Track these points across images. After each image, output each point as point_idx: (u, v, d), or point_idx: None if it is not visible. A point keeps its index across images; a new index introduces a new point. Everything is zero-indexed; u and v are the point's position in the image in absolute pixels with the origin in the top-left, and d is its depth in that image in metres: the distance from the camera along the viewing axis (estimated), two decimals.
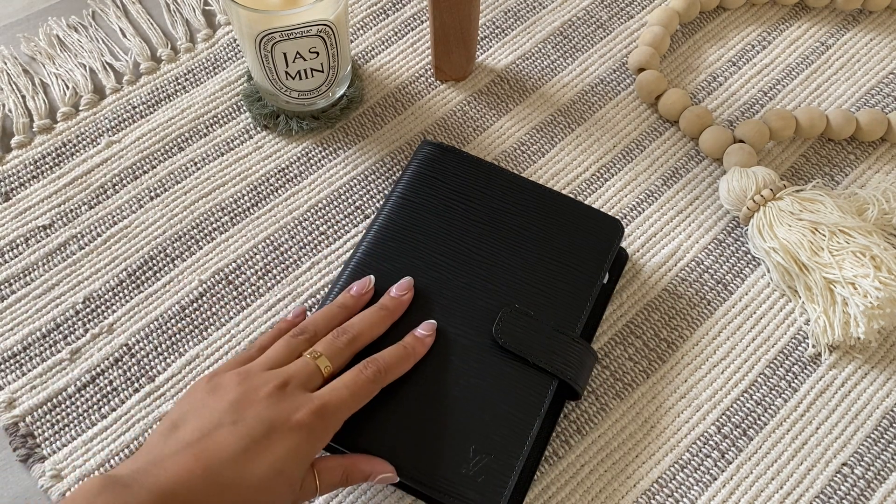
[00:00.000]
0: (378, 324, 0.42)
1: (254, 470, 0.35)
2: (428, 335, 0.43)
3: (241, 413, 0.36)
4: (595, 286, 0.46)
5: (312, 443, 0.36)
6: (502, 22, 0.61)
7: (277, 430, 0.36)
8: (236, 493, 0.34)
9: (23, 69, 0.58)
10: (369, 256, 0.46)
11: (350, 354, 0.41)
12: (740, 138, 0.54)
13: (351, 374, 0.39)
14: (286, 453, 0.35)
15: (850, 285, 0.47)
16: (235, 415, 0.36)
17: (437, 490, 0.40)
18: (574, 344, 0.43)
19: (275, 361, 0.40)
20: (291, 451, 0.36)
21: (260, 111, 0.55)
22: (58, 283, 0.50)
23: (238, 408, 0.36)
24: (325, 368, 0.39)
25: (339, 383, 0.39)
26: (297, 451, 0.36)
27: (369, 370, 0.40)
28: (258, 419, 0.36)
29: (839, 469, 0.45)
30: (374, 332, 0.42)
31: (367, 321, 0.42)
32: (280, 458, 0.35)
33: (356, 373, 0.39)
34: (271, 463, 0.35)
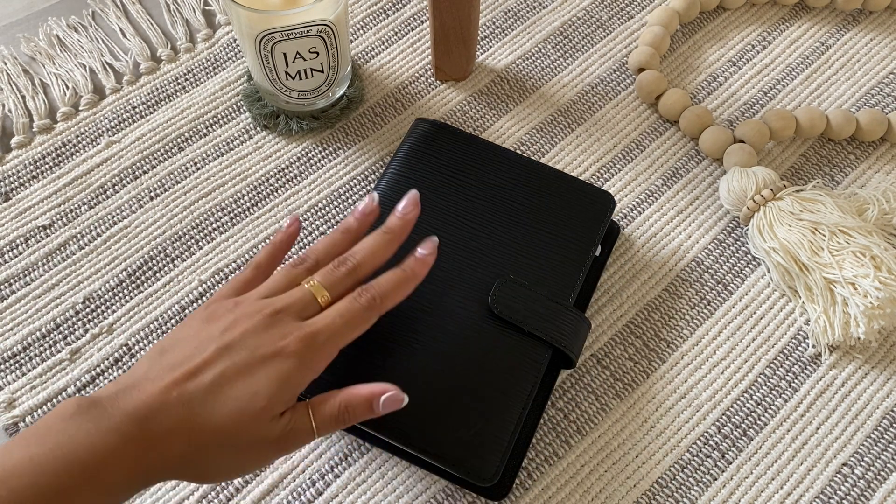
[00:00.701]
0: (382, 250, 0.40)
1: (230, 395, 0.33)
2: (429, 254, 0.40)
3: (227, 339, 0.35)
4: (588, 257, 0.47)
5: (300, 371, 0.35)
6: (502, 22, 0.61)
7: (260, 355, 0.34)
8: (210, 420, 0.33)
9: (23, 69, 0.58)
10: None
11: (351, 284, 0.38)
12: (740, 138, 0.54)
13: (345, 302, 0.37)
14: (268, 380, 0.34)
15: (850, 285, 0.47)
16: (220, 341, 0.35)
17: (435, 455, 0.41)
18: (568, 313, 0.44)
19: (272, 291, 0.38)
20: (274, 379, 0.34)
21: (260, 111, 0.55)
22: (58, 283, 0.50)
23: (224, 335, 0.35)
24: (323, 298, 0.37)
25: (333, 311, 0.37)
26: (282, 378, 0.34)
27: (364, 298, 0.37)
28: (242, 345, 0.35)
29: (839, 469, 0.45)
30: (378, 259, 0.40)
31: (369, 248, 0.39)
32: (262, 385, 0.34)
33: (350, 300, 0.37)
34: (250, 390, 0.33)
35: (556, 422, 0.46)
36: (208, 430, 0.33)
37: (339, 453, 0.45)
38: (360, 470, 0.45)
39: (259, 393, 0.34)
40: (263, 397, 0.34)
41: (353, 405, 0.36)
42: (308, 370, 0.35)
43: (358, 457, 0.45)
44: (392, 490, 0.44)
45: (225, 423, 0.33)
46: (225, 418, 0.33)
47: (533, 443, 0.45)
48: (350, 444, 0.45)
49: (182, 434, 0.33)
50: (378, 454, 0.45)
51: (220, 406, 0.33)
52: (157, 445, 0.32)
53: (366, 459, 0.45)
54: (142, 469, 0.32)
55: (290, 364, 0.34)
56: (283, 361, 0.34)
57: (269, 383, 0.34)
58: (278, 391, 0.34)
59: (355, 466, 0.45)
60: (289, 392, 0.35)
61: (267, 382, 0.34)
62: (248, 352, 0.34)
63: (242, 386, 0.34)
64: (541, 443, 0.45)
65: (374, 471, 0.45)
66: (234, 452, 0.34)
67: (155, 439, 0.32)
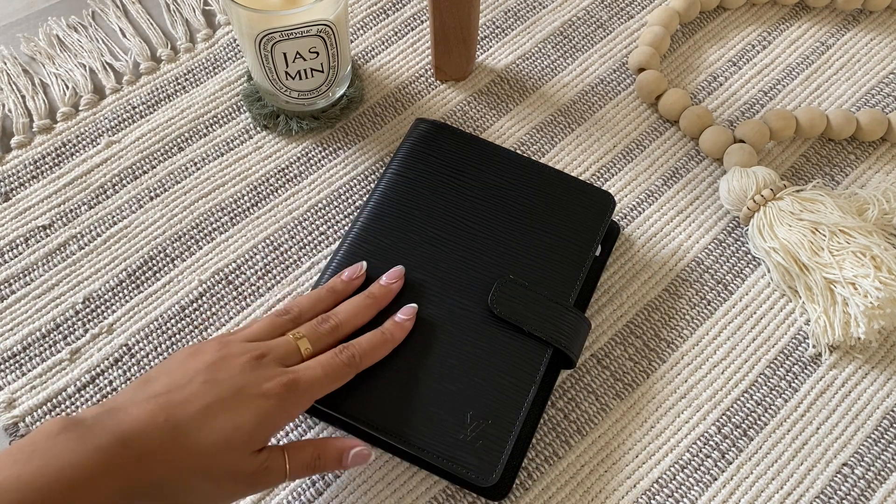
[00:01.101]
0: (363, 312, 0.43)
1: (214, 425, 0.35)
2: (407, 319, 0.43)
3: (214, 374, 0.37)
4: (588, 257, 0.47)
5: (279, 413, 0.37)
6: (502, 22, 0.61)
7: (245, 393, 0.36)
8: (194, 446, 0.34)
9: (23, 69, 0.58)
10: (365, 232, 0.47)
11: (332, 341, 0.41)
12: (740, 138, 0.54)
13: (327, 356, 0.40)
14: (251, 416, 0.36)
15: (850, 285, 0.47)
16: (207, 375, 0.36)
17: (435, 455, 0.41)
18: (568, 313, 0.44)
19: (256, 336, 0.40)
20: (256, 416, 0.36)
21: (260, 111, 0.55)
22: (58, 283, 0.50)
23: (211, 370, 0.37)
24: (305, 350, 0.40)
25: (315, 362, 0.39)
26: (263, 417, 0.36)
27: (345, 354, 0.40)
28: (229, 381, 0.36)
29: (839, 469, 0.45)
30: (359, 320, 0.43)
31: (352, 309, 0.43)
32: (245, 420, 0.35)
33: (332, 355, 0.40)
34: (234, 423, 0.35)
35: (556, 422, 0.46)
36: (191, 455, 0.34)
37: None
38: (360, 470, 0.45)
39: (242, 427, 0.35)
40: (245, 432, 0.35)
41: (325, 456, 0.39)
42: (286, 414, 0.37)
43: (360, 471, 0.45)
44: (392, 491, 0.44)
45: (208, 450, 0.35)
46: (209, 446, 0.35)
47: (533, 443, 0.45)
48: None
49: (166, 457, 0.34)
50: (378, 455, 0.45)
51: (205, 434, 0.35)
52: (142, 466, 0.33)
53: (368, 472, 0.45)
54: (125, 489, 0.33)
55: (272, 405, 0.36)
56: (265, 401, 0.36)
57: (251, 419, 0.36)
58: (259, 428, 0.36)
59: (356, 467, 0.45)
60: (267, 431, 0.36)
61: (250, 418, 0.36)
62: (234, 388, 0.36)
63: (227, 418, 0.35)
64: (541, 443, 0.45)
65: (374, 471, 0.45)
66: (212, 482, 0.35)
67: (139, 460, 0.33)
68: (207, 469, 0.35)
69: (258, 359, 0.38)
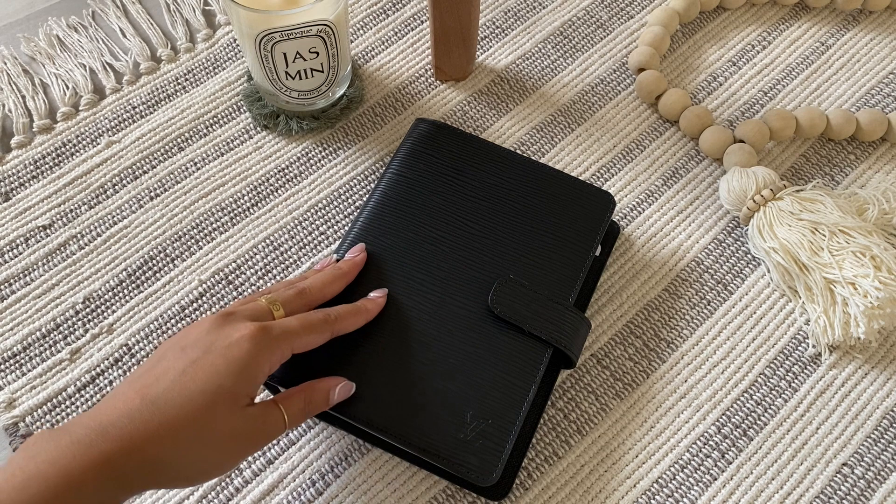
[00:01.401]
0: (330, 281, 0.43)
1: (191, 386, 0.34)
2: (380, 297, 0.44)
3: (182, 343, 0.36)
4: (588, 257, 0.47)
5: (255, 358, 0.36)
6: (502, 22, 0.61)
7: (216, 348, 0.35)
8: (179, 415, 0.33)
9: (23, 69, 0.58)
10: (365, 231, 0.47)
11: (302, 305, 0.41)
12: (740, 138, 0.54)
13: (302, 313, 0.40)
14: (228, 367, 0.35)
15: (850, 285, 0.47)
16: (176, 347, 0.36)
17: (435, 455, 0.41)
18: (568, 313, 0.45)
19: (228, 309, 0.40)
20: (231, 367, 0.35)
21: (260, 111, 0.55)
22: (58, 283, 0.50)
23: (179, 341, 0.36)
24: (277, 312, 0.40)
25: (289, 317, 0.39)
26: (238, 365, 0.35)
27: (320, 312, 0.41)
28: (198, 343, 0.36)
29: (839, 469, 0.45)
30: (327, 289, 0.43)
31: (319, 277, 0.43)
32: (223, 373, 0.35)
33: (307, 312, 0.40)
34: (213, 381, 0.34)
35: (556, 422, 0.46)
36: (179, 425, 0.33)
37: (339, 453, 0.45)
38: (360, 470, 0.45)
39: (222, 383, 0.34)
40: (227, 387, 0.35)
41: (314, 399, 0.39)
42: (263, 360, 0.36)
43: (358, 457, 0.45)
44: (392, 490, 0.44)
45: (195, 415, 0.34)
46: (194, 411, 0.34)
47: (533, 443, 0.45)
48: (350, 445, 0.45)
49: (152, 435, 0.33)
50: (378, 454, 0.45)
51: (187, 400, 0.34)
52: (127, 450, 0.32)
53: (366, 460, 0.45)
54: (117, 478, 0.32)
55: (245, 350, 0.35)
56: (239, 348, 0.35)
57: (229, 370, 0.35)
58: (239, 378, 0.35)
59: (356, 467, 0.45)
60: (248, 380, 0.35)
61: (227, 369, 0.35)
62: (204, 347, 0.35)
63: (205, 377, 0.34)
64: (541, 443, 0.46)
65: (374, 471, 0.45)
66: (210, 447, 0.34)
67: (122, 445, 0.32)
68: (201, 435, 0.34)
69: (225, 316, 0.37)
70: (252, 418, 0.36)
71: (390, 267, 0.46)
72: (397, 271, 0.46)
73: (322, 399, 0.40)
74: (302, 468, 0.45)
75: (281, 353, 0.37)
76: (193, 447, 0.34)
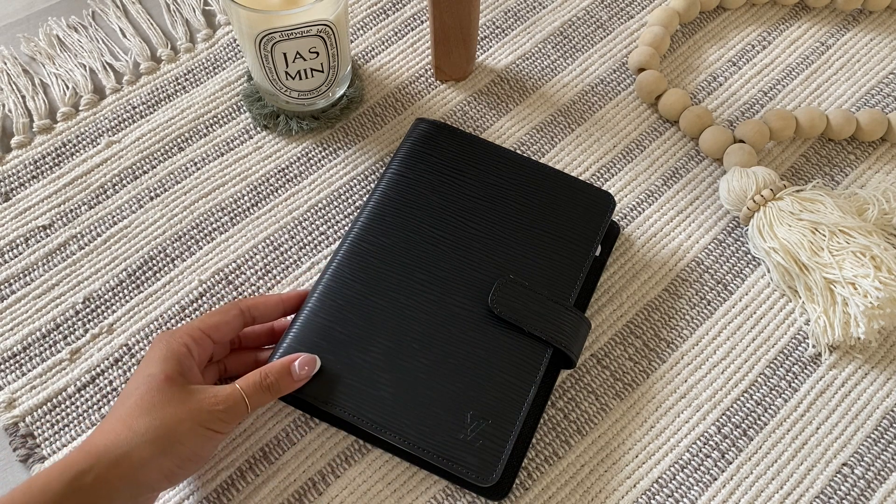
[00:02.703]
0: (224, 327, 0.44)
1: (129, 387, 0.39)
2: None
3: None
4: (588, 257, 0.47)
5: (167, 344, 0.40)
6: (502, 22, 0.61)
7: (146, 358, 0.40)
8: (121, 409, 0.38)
9: (23, 69, 0.58)
10: (365, 232, 0.47)
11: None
12: (740, 138, 0.54)
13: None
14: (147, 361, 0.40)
15: (850, 285, 0.47)
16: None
17: (435, 455, 0.41)
18: (568, 313, 0.45)
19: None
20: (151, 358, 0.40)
21: (260, 111, 0.55)
22: (58, 283, 0.50)
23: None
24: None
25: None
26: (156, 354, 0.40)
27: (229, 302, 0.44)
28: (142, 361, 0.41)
29: (839, 469, 0.45)
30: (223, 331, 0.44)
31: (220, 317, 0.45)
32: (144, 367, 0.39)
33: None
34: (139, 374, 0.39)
35: (556, 422, 0.46)
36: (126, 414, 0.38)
37: (339, 454, 0.45)
38: (360, 470, 0.45)
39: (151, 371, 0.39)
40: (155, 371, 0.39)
41: (273, 373, 0.41)
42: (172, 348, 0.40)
43: (359, 457, 0.45)
44: (392, 490, 0.44)
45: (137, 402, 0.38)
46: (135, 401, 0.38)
47: (533, 443, 0.45)
48: (351, 445, 0.45)
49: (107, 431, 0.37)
50: (378, 454, 0.45)
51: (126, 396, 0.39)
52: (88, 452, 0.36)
53: (366, 460, 0.45)
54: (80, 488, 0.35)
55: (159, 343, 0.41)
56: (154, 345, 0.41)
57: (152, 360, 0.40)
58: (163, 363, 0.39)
59: (356, 467, 0.45)
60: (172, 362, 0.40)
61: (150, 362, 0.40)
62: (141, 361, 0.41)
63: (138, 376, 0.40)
64: (541, 443, 0.46)
65: (374, 471, 0.45)
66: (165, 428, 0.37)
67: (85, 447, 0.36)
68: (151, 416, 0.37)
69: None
70: (198, 391, 0.39)
71: (390, 267, 0.46)
72: (397, 271, 0.46)
73: (280, 372, 0.41)
74: (302, 468, 0.45)
75: (188, 336, 0.41)
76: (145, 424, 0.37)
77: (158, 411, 0.38)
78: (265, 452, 0.45)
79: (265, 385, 0.41)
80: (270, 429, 0.46)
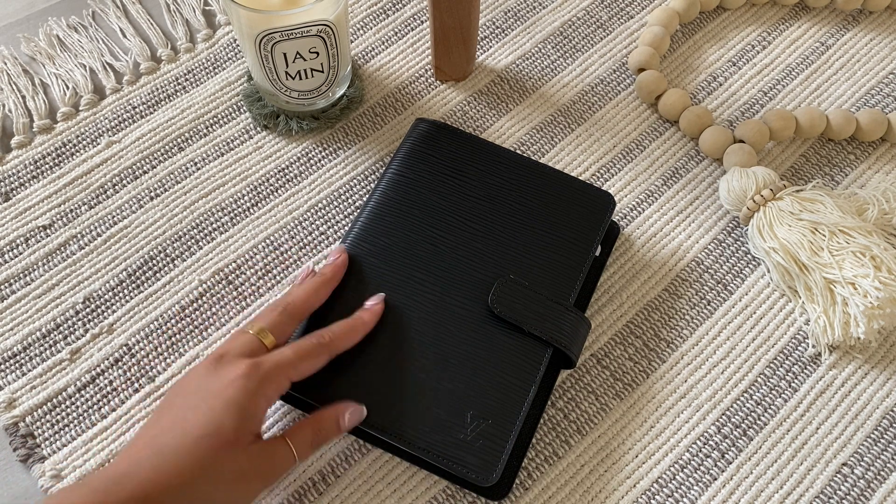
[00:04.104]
0: (314, 290, 0.43)
1: (193, 433, 0.35)
2: (376, 304, 0.44)
3: (185, 391, 0.37)
4: (588, 257, 0.47)
5: (249, 395, 0.36)
6: (502, 22, 0.61)
7: (211, 391, 0.36)
8: (182, 460, 0.34)
9: (23, 69, 0.58)
10: (365, 232, 0.47)
11: (290, 322, 0.41)
12: (740, 138, 0.54)
13: (296, 340, 0.41)
14: (222, 409, 0.35)
15: (850, 285, 0.47)
16: (179, 396, 0.38)
17: (435, 455, 0.41)
18: (568, 313, 0.45)
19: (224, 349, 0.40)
20: (227, 406, 0.36)
21: (260, 111, 0.55)
22: (58, 283, 0.50)
23: (182, 390, 0.38)
24: (268, 340, 0.40)
25: (283, 347, 0.40)
26: (233, 404, 0.36)
27: (314, 336, 0.41)
28: (198, 390, 0.37)
29: (839, 469, 0.45)
30: (312, 299, 0.43)
31: (301, 289, 0.43)
32: (219, 415, 0.35)
33: (301, 339, 0.41)
34: (208, 420, 0.35)
35: (556, 422, 0.46)
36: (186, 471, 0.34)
37: (340, 454, 0.45)
38: (360, 470, 0.45)
39: (222, 424, 0.35)
40: (228, 426, 0.35)
41: (325, 428, 0.40)
42: (259, 396, 0.37)
43: (359, 458, 0.45)
44: (392, 490, 0.44)
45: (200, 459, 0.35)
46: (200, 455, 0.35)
47: (533, 443, 0.45)
48: (351, 445, 0.45)
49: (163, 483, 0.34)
50: (379, 455, 0.45)
51: (192, 445, 0.35)
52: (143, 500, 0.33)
53: (367, 460, 0.45)
54: None
55: (238, 388, 0.36)
56: (234, 388, 0.36)
57: (227, 411, 0.36)
58: (238, 416, 0.36)
59: (356, 467, 0.45)
60: (248, 416, 0.36)
61: (225, 411, 0.36)
62: (202, 393, 0.37)
63: (205, 420, 0.35)
64: (541, 443, 0.46)
65: (374, 471, 0.45)
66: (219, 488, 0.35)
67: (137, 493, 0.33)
68: (208, 478, 0.35)
69: (217, 360, 0.38)
70: (258, 456, 0.37)
71: (390, 267, 0.46)
72: (397, 271, 0.46)
73: (332, 427, 0.40)
74: (303, 468, 0.45)
75: (277, 384, 0.38)
76: (203, 491, 0.35)
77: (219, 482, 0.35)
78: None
79: (317, 442, 0.40)
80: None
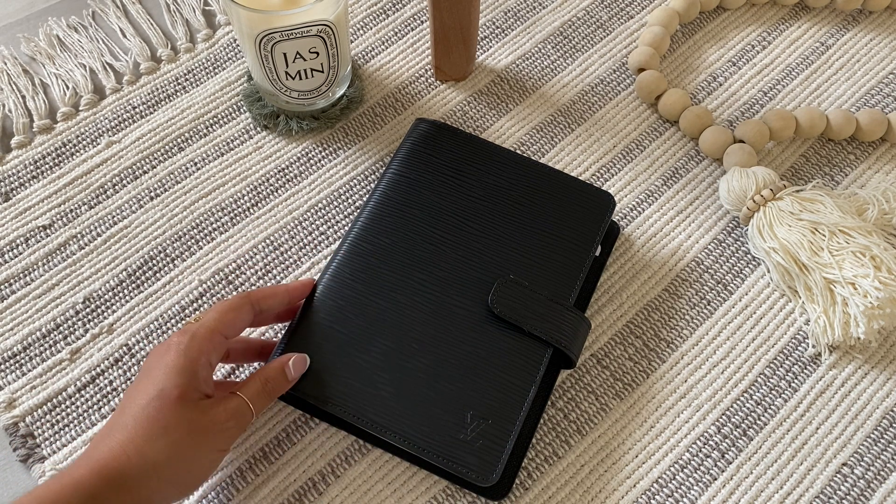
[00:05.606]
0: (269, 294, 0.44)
1: (141, 401, 0.37)
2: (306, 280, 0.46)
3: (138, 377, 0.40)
4: (588, 257, 0.47)
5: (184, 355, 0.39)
6: (502, 22, 0.61)
7: (154, 364, 0.39)
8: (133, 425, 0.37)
9: (23, 69, 0.58)
10: (365, 232, 0.47)
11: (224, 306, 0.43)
12: (740, 138, 0.54)
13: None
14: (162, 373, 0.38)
15: (850, 285, 0.47)
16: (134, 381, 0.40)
17: (435, 455, 0.41)
18: (568, 313, 0.45)
19: None
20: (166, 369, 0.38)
21: (260, 111, 0.55)
22: (58, 283, 0.50)
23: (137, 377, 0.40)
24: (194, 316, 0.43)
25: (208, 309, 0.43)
26: (170, 366, 0.38)
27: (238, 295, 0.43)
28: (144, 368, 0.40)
29: (839, 469, 0.45)
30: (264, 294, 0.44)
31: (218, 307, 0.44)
32: (157, 380, 0.38)
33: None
34: (152, 385, 0.38)
35: (556, 422, 0.46)
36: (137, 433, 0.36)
37: (340, 454, 0.45)
38: (360, 470, 0.45)
39: (163, 385, 0.38)
40: (169, 385, 0.38)
41: (272, 378, 0.41)
42: (197, 353, 0.39)
43: (359, 458, 0.45)
44: (392, 490, 0.44)
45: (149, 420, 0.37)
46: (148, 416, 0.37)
47: (533, 443, 0.45)
48: (351, 445, 0.45)
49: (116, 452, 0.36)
50: (379, 454, 0.45)
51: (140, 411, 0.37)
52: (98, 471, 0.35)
53: (367, 460, 0.45)
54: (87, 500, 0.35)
55: (176, 354, 0.39)
56: (170, 356, 0.39)
57: (166, 374, 0.38)
58: (178, 375, 0.38)
59: (356, 467, 0.45)
60: (188, 375, 0.38)
61: (164, 374, 0.38)
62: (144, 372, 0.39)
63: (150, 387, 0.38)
64: (541, 443, 0.46)
65: (374, 471, 0.45)
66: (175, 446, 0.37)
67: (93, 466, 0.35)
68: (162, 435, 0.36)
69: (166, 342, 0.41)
70: (211, 408, 0.38)
71: (390, 267, 0.46)
72: (397, 271, 0.46)
73: (279, 377, 0.41)
74: (303, 468, 0.45)
75: (210, 339, 0.40)
76: (158, 450, 0.36)
77: (172, 436, 0.37)
78: (265, 452, 0.45)
79: (267, 391, 0.41)
80: (270, 429, 0.46)
